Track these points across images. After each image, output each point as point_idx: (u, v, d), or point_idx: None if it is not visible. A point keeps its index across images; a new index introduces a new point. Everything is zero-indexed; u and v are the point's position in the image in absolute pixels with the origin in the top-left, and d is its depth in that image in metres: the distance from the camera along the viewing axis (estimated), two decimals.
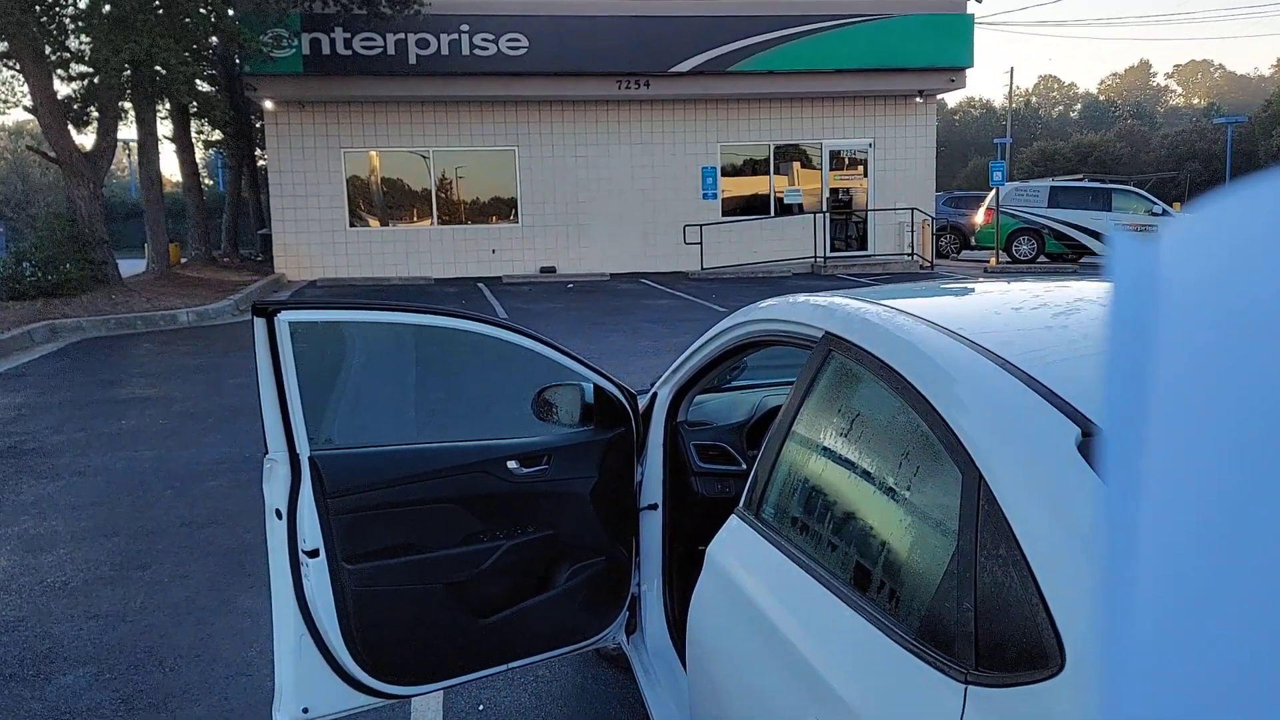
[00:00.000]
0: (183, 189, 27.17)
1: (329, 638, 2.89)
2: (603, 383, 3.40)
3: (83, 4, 17.38)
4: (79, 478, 7.16)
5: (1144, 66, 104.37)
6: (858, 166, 25.09)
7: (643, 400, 3.57)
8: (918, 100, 24.52)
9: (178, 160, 26.27)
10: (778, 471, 2.42)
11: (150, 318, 15.51)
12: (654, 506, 3.52)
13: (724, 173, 24.52)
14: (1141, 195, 25.68)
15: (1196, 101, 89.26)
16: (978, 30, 23.71)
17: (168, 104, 23.15)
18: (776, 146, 24.69)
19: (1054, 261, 25.27)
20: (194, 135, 28.25)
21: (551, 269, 23.38)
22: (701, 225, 23.38)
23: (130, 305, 16.15)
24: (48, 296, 15.82)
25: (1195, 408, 0.62)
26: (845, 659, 1.86)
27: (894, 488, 1.96)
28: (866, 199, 24.98)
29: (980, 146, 64.59)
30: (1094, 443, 1.55)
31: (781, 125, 24.43)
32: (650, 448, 3.54)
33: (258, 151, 29.27)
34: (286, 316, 2.74)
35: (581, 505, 3.35)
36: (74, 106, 19.26)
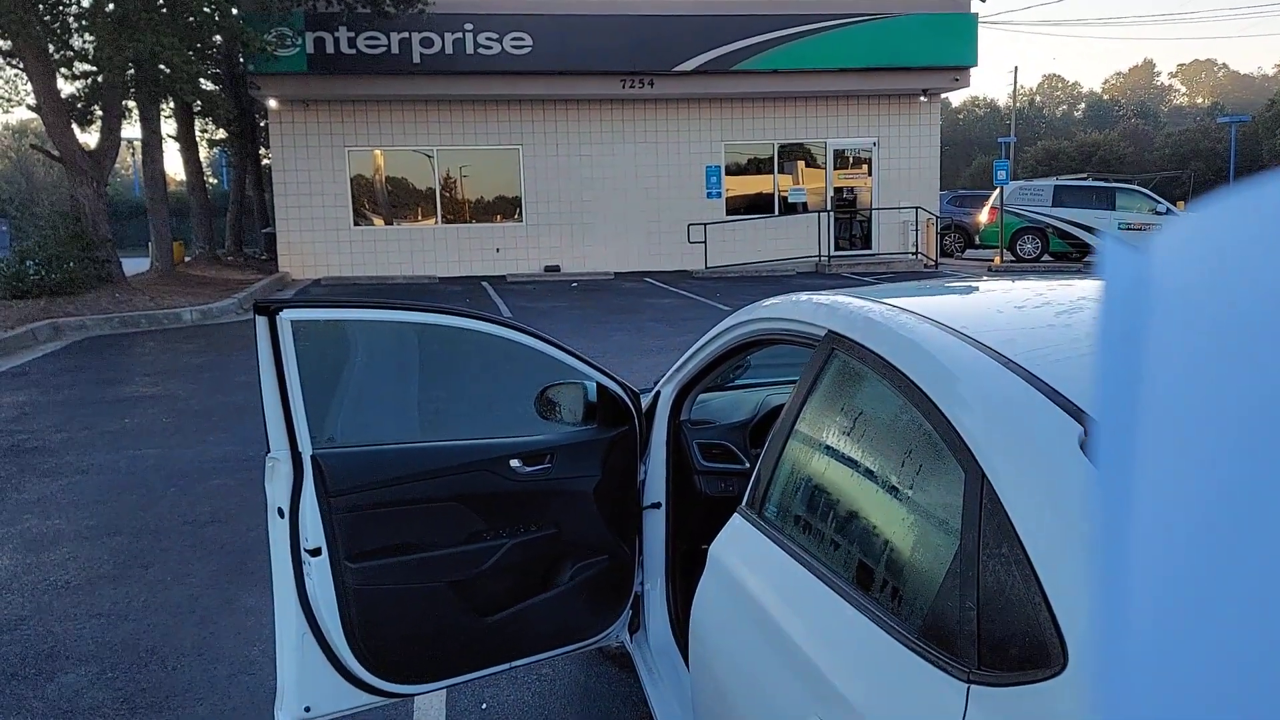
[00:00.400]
0: (187, 188, 27.20)
1: (331, 636, 2.89)
2: (606, 381, 3.39)
3: (86, 2, 17.41)
4: (82, 476, 7.17)
5: (1148, 66, 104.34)
6: (862, 165, 25.08)
7: (646, 399, 3.57)
8: (922, 99, 24.51)
9: (182, 159, 26.34)
10: (780, 470, 2.41)
11: (154, 316, 15.53)
12: (657, 505, 3.52)
13: (728, 171, 24.53)
14: (1145, 194, 25.65)
15: (1200, 101, 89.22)
16: (981, 29, 23.72)
17: (172, 103, 23.18)
18: (780, 145, 24.69)
19: (1058, 260, 25.26)
20: (198, 134, 28.29)
21: (556, 268, 23.39)
22: (706, 224, 23.39)
23: (134, 304, 16.17)
24: (51, 295, 15.84)
25: (1189, 408, 0.62)
26: (848, 658, 1.85)
27: (897, 486, 1.95)
28: (871, 198, 24.97)
29: (984, 145, 64.55)
30: (1091, 441, 1.55)
31: (785, 124, 24.43)
32: (653, 446, 3.54)
33: (262, 150, 29.31)
34: (288, 315, 2.74)
35: (585, 504, 3.34)
36: (78, 105, 19.31)
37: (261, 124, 27.28)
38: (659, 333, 13.66)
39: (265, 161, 28.87)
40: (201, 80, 21.50)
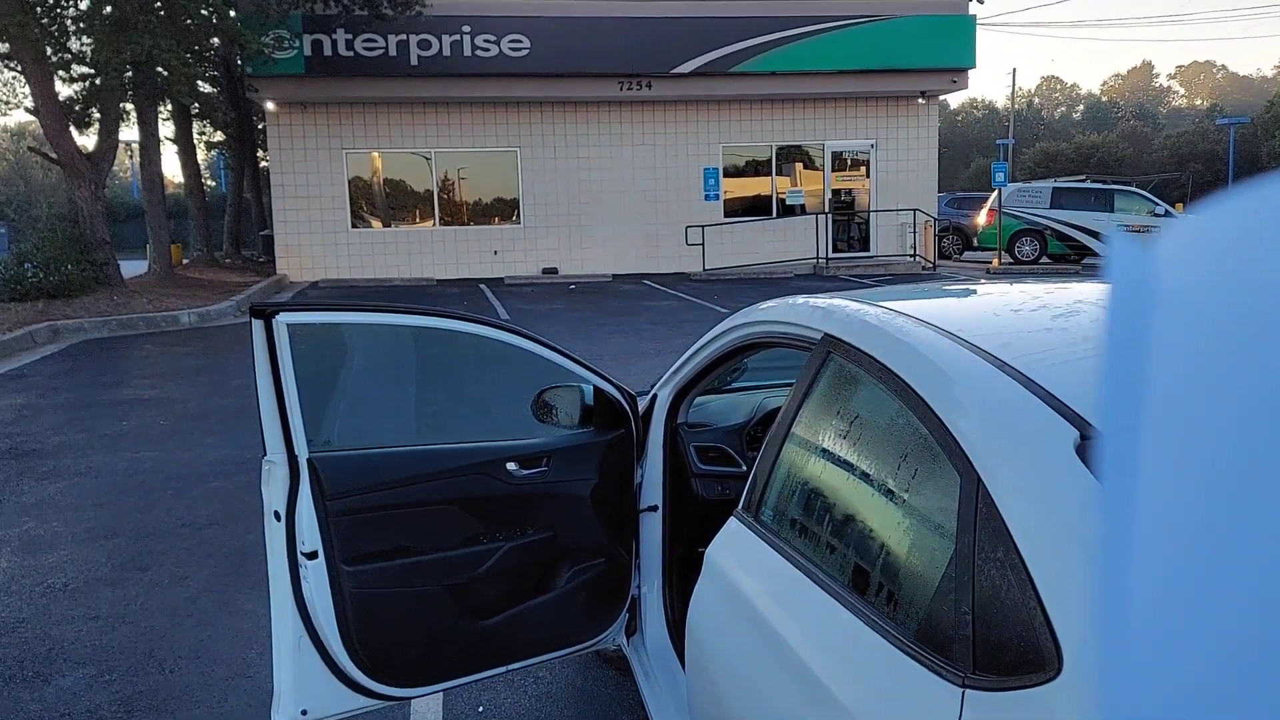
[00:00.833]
0: (184, 190, 27.22)
1: (328, 640, 2.88)
2: (602, 384, 3.39)
3: (84, 5, 17.40)
4: (80, 479, 7.16)
5: (1146, 67, 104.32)
6: (860, 167, 25.08)
7: (643, 402, 3.57)
8: (920, 101, 24.52)
9: (179, 161, 26.33)
10: (776, 474, 2.41)
11: (152, 319, 15.52)
12: (654, 508, 3.51)
13: (726, 174, 24.52)
14: (1144, 196, 25.64)
15: (1199, 102, 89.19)
16: (980, 31, 23.76)
17: (169, 105, 23.19)
18: (778, 147, 24.68)
19: (1056, 263, 25.25)
20: (196, 136, 28.30)
21: (554, 270, 23.38)
22: (704, 226, 23.38)
23: (132, 306, 16.16)
24: (49, 297, 15.83)
25: (1192, 410, 0.62)
26: (843, 662, 1.85)
27: (892, 490, 1.95)
28: (869, 200, 24.96)
29: (983, 147, 64.54)
30: (1092, 445, 1.54)
31: (783, 126, 24.43)
32: (650, 449, 3.54)
33: (260, 153, 29.29)
34: (284, 318, 2.74)
35: (581, 507, 3.34)
36: (75, 108, 19.28)
37: (259, 126, 27.27)
38: (657, 335, 13.66)
39: (263, 164, 28.84)
40: (199, 83, 21.50)
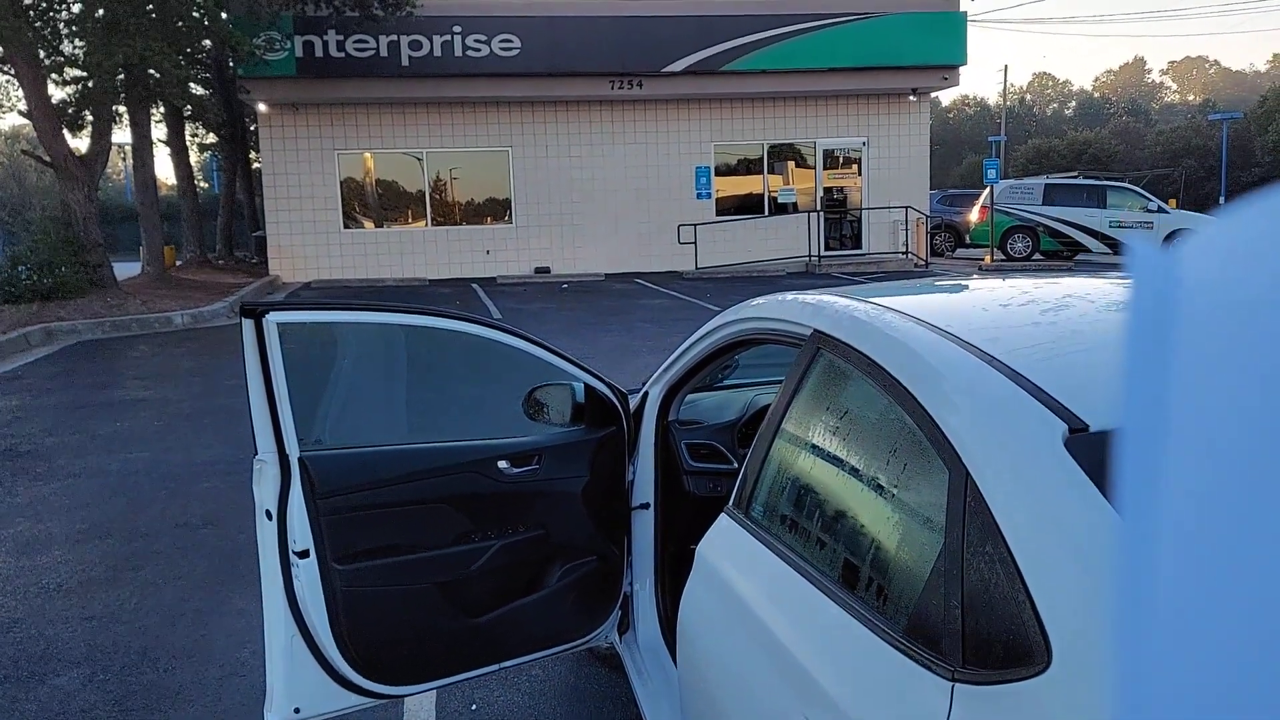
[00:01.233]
0: (177, 192, 27.16)
1: (320, 638, 2.89)
2: (593, 382, 3.39)
3: (76, 8, 17.36)
4: (74, 480, 7.15)
5: (1139, 63, 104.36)
6: (852, 165, 25.10)
7: (634, 399, 3.57)
8: (911, 98, 24.53)
9: (172, 163, 26.28)
10: (767, 470, 2.41)
11: (145, 320, 15.50)
12: (646, 506, 3.52)
13: (718, 172, 24.52)
14: (1137, 192, 25.68)
15: (1192, 98, 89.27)
16: (971, 28, 23.73)
17: (161, 107, 23.13)
18: (770, 146, 24.69)
19: (1049, 259, 25.29)
20: (188, 138, 28.23)
21: (546, 269, 23.37)
22: (696, 225, 23.37)
23: (125, 308, 16.13)
24: (43, 299, 15.79)
25: (1206, 412, 0.62)
26: (834, 657, 1.85)
27: (882, 485, 1.95)
28: (861, 197, 24.98)
29: (975, 144, 64.53)
30: (1081, 439, 1.55)
31: (775, 124, 24.44)
32: (642, 447, 3.54)
33: (252, 154, 29.24)
34: (274, 318, 2.74)
35: (573, 505, 3.35)
36: (68, 110, 19.25)
37: (251, 128, 27.23)
38: (649, 334, 13.66)
39: (255, 165, 28.80)
40: (191, 84, 21.47)
